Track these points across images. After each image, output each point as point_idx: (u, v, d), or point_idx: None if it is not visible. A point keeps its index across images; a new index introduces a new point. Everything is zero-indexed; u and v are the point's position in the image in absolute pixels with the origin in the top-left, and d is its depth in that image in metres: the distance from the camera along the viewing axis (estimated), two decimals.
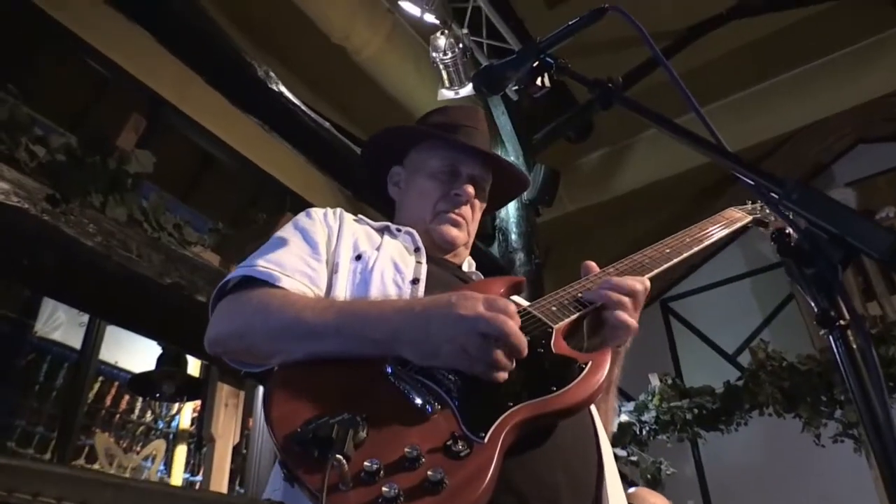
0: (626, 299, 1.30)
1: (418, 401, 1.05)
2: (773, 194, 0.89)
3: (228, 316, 1.31)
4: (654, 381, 5.25)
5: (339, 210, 1.61)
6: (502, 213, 5.19)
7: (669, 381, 5.25)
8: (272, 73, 3.63)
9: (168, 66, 3.88)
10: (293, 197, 5.30)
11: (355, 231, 1.54)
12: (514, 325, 1.10)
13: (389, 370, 1.10)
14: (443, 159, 1.68)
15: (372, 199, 1.88)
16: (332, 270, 1.40)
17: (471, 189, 1.67)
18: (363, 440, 0.98)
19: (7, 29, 3.97)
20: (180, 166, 5.28)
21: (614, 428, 1.48)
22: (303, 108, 3.81)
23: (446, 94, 4.78)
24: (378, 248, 1.47)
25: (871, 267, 5.60)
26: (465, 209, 1.67)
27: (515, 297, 1.54)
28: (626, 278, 1.36)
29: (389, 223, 1.64)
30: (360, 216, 1.65)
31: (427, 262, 1.48)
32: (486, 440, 0.99)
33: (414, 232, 1.58)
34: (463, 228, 1.67)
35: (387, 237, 1.55)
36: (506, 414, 1.03)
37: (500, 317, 1.09)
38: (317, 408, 1.03)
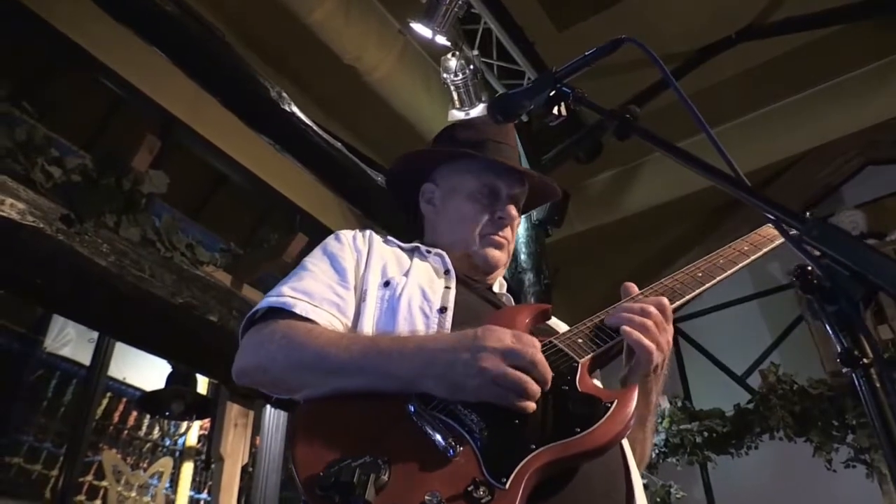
0: (638, 319, 1.28)
1: (440, 442, 1.04)
2: (793, 230, 0.90)
3: (253, 349, 1.32)
4: (664, 404, 5.23)
5: (368, 232, 1.60)
6: None
7: (679, 404, 5.22)
8: (284, 94, 3.66)
9: (182, 87, 3.92)
10: (303, 216, 5.32)
11: (384, 254, 1.53)
12: (541, 356, 1.13)
13: (412, 409, 1.10)
14: (481, 179, 1.66)
15: (401, 213, 1.84)
16: (361, 298, 1.40)
17: (514, 211, 1.66)
18: (385, 483, 0.98)
19: (23, 48, 4.02)
20: (192, 185, 5.30)
21: (651, 455, 1.45)
22: (314, 128, 3.84)
23: (457, 114, 4.81)
24: (406, 274, 1.46)
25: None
26: (508, 231, 1.67)
27: (553, 322, 1.54)
28: (642, 300, 1.34)
29: (420, 244, 1.63)
30: (389, 238, 1.65)
31: (457, 285, 1.47)
32: (507, 486, 0.98)
33: (444, 254, 1.57)
34: (505, 249, 1.66)
35: (416, 259, 1.54)
36: (528, 458, 1.02)
37: (529, 348, 1.12)
38: (340, 448, 1.03)
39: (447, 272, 1.52)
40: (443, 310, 1.36)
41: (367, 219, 5.10)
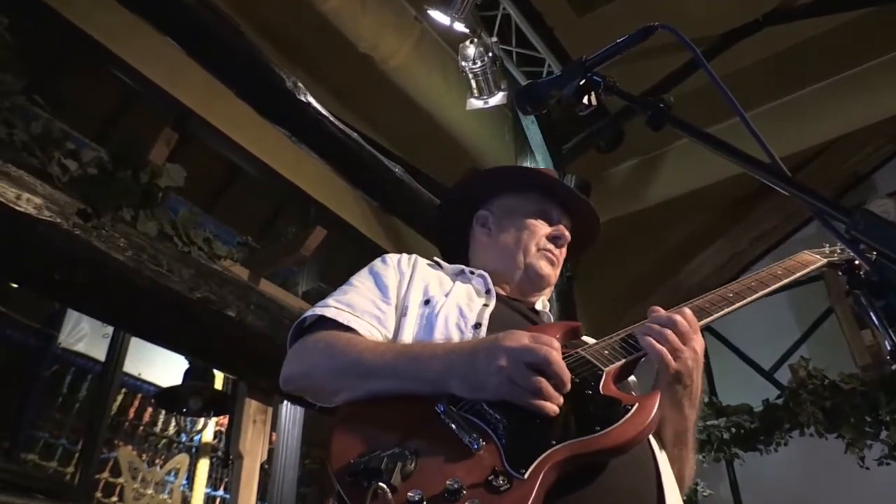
0: (657, 328, 1.33)
1: (465, 438, 1.11)
2: (839, 224, 0.89)
3: (297, 357, 1.45)
4: None
5: (413, 256, 1.72)
6: None
7: (705, 399, 5.20)
8: (300, 84, 3.67)
9: (195, 78, 3.93)
10: (319, 209, 5.33)
11: (427, 277, 1.63)
12: (557, 355, 1.18)
13: (441, 409, 1.18)
14: (537, 204, 1.78)
15: (441, 240, 2.00)
16: (402, 314, 1.50)
17: (567, 233, 1.77)
18: (411, 472, 1.05)
19: (36, 41, 4.05)
20: (207, 177, 5.33)
21: (693, 477, 1.47)
22: (330, 118, 3.84)
23: (475, 103, 4.80)
24: (447, 294, 1.55)
25: None
26: (559, 252, 1.77)
27: (586, 338, 1.58)
28: (665, 312, 1.38)
29: (465, 267, 1.73)
30: (435, 259, 1.77)
31: (498, 303, 1.55)
32: (526, 476, 1.04)
33: (486, 275, 1.66)
34: (556, 267, 1.76)
35: (458, 282, 1.63)
36: (547, 452, 1.08)
37: (544, 347, 1.17)
38: (372, 443, 1.12)
39: (488, 292, 1.61)
40: (477, 325, 1.45)
41: (383, 211, 5.12)
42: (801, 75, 5.88)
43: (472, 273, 1.69)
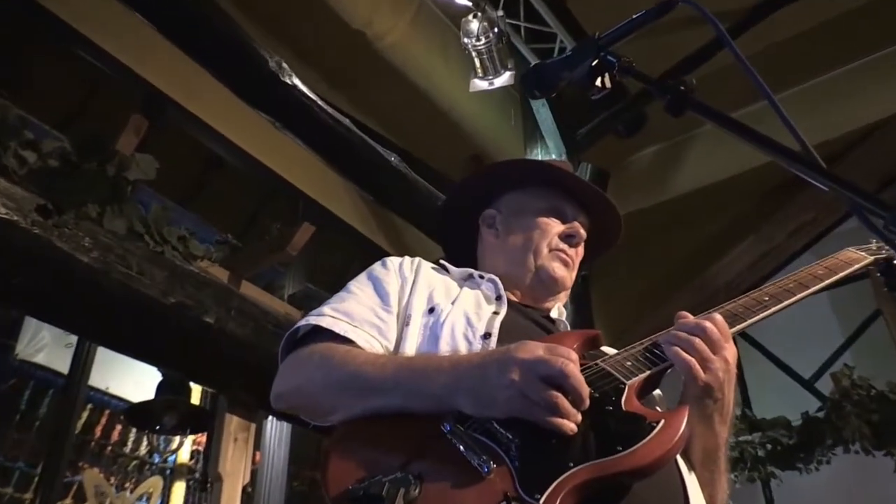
0: (684, 336, 1.33)
1: (474, 460, 1.12)
2: (878, 219, 0.90)
3: (290, 371, 1.47)
4: None
5: (417, 260, 1.72)
6: None
7: (738, 412, 5.20)
8: (285, 65, 3.68)
9: (168, 58, 3.94)
10: (308, 203, 5.34)
11: (432, 282, 1.65)
12: (574, 367, 1.18)
13: (447, 428, 1.19)
14: (548, 200, 1.80)
15: (445, 242, 2.03)
16: (404, 323, 1.52)
17: (582, 231, 1.78)
18: (415, 499, 1.06)
19: None
20: (181, 169, 5.34)
21: (726, 500, 1.47)
22: (319, 102, 3.85)
23: (479, 84, 4.80)
24: (454, 302, 1.57)
25: None
26: (574, 252, 1.78)
27: (605, 349, 1.58)
28: (693, 318, 1.38)
29: (473, 271, 1.75)
30: (441, 261, 1.79)
31: (509, 310, 1.57)
32: (541, 502, 1.05)
33: (496, 280, 1.67)
34: (571, 269, 1.77)
35: (466, 288, 1.65)
36: (564, 475, 1.08)
37: (561, 359, 1.17)
38: (371, 466, 1.13)
39: (499, 298, 1.62)
40: (487, 335, 1.46)
41: (378, 204, 5.12)
42: (843, 49, 5.86)
43: (482, 278, 1.70)
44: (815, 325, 6.82)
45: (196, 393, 5.08)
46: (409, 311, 1.54)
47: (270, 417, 4.58)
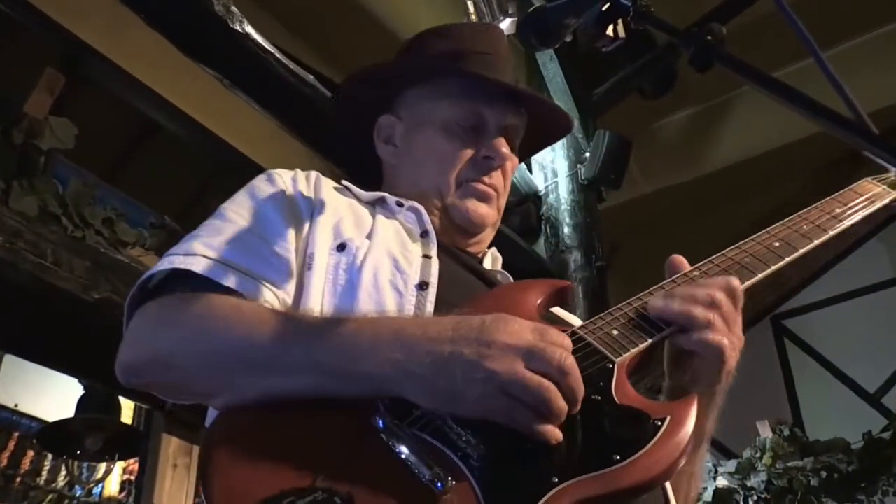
0: (710, 315, 1.25)
1: (423, 472, 1.00)
2: None
3: (148, 334, 1.29)
4: (765, 432, 5.24)
5: (313, 174, 1.60)
6: (551, 197, 5.20)
7: (786, 432, 5.23)
8: (234, 8, 3.66)
9: (92, 1, 3.93)
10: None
11: (338, 207, 1.53)
12: (573, 361, 1.08)
13: (381, 424, 1.07)
14: (460, 106, 1.68)
15: (347, 163, 1.85)
16: (304, 265, 1.38)
17: (506, 148, 1.67)
18: None
19: None
20: (107, 136, 5.32)
21: (701, 497, 1.45)
22: (276, 54, 3.83)
23: None
24: (370, 236, 1.46)
25: None
26: (497, 176, 1.68)
27: (559, 311, 1.54)
28: (705, 282, 1.32)
29: (386, 194, 1.64)
30: (344, 183, 1.66)
31: (439, 251, 1.48)
32: None
33: (420, 208, 1.59)
34: (493, 203, 1.68)
35: (380, 216, 1.55)
36: (549, 495, 0.99)
37: (558, 349, 1.08)
38: (278, 478, 0.99)
39: (424, 234, 1.53)
40: (422, 286, 1.36)
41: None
42: None
43: (401, 206, 1.60)
44: (880, 329, 6.86)
45: (126, 410, 5.09)
46: (312, 248, 1.39)
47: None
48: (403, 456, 1.02)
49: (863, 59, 5.85)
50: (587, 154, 5.04)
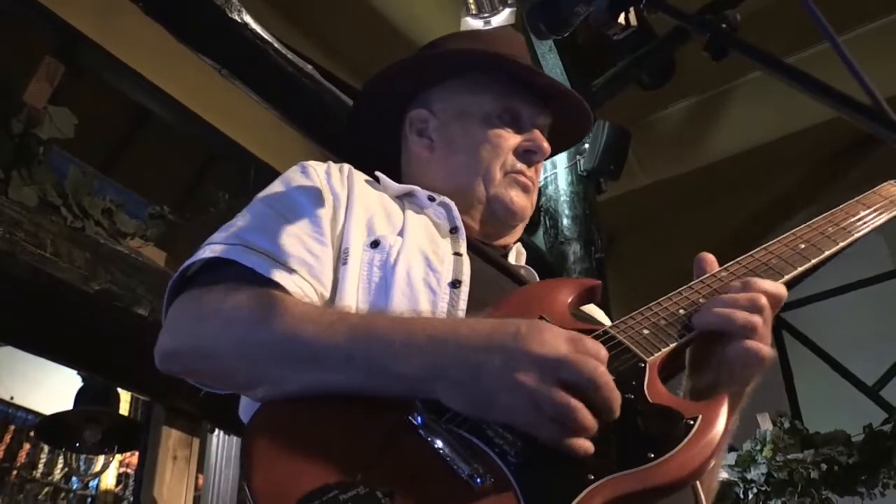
0: (755, 319, 1.25)
1: (462, 468, 1.02)
2: None
3: (189, 322, 1.30)
4: (765, 424, 5.25)
5: (346, 167, 1.59)
6: (550, 188, 5.21)
7: (786, 425, 5.24)
8: None
9: None
10: (260, 167, 5.34)
11: (369, 202, 1.52)
12: (607, 374, 1.08)
13: (419, 420, 1.09)
14: (500, 101, 1.69)
15: (360, 157, 1.80)
16: (341, 261, 1.37)
17: (545, 143, 1.68)
18: None
19: None
20: (106, 126, 5.32)
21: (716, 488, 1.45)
22: (275, 44, 3.83)
23: (472, 23, 4.81)
24: (401, 233, 1.45)
25: None
26: (535, 170, 1.70)
27: (591, 309, 1.56)
28: (753, 284, 1.31)
29: (416, 188, 1.62)
30: (377, 173, 1.65)
31: (468, 249, 1.48)
32: None
33: (451, 203, 1.57)
34: (531, 196, 1.69)
35: (410, 211, 1.54)
36: (585, 492, 1.00)
37: (591, 362, 1.08)
38: (319, 472, 1.01)
39: (454, 230, 1.52)
40: (455, 283, 1.36)
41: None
42: None
43: (433, 200, 1.59)
44: (880, 321, 6.87)
45: (125, 402, 5.09)
46: (346, 243, 1.39)
47: (217, 431, 4.59)
48: (442, 452, 1.05)
49: (874, 46, 5.83)
50: (586, 145, 5.05)
